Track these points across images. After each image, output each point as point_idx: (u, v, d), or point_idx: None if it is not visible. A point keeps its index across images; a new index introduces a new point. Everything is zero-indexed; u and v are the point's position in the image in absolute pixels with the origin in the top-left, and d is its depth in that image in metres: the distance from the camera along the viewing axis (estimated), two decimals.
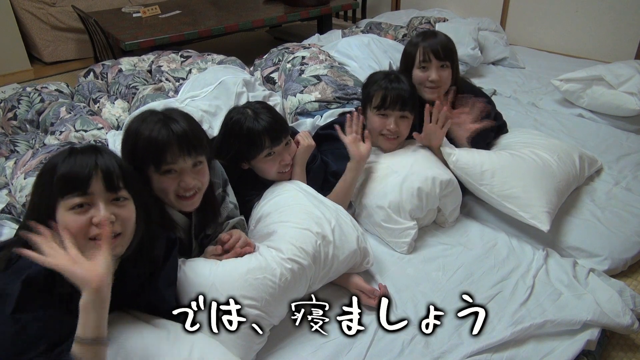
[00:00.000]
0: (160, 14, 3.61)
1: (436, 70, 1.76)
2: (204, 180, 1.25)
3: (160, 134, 1.15)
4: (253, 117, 1.47)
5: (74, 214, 0.92)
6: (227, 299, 1.13)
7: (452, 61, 1.79)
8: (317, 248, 1.27)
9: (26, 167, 1.71)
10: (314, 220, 1.32)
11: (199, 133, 1.24)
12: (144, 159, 1.17)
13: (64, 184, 0.91)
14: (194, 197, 1.23)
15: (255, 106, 1.53)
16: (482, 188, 1.65)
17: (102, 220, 0.92)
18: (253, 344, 1.17)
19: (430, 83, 1.77)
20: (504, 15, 3.75)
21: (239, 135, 1.47)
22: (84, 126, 2.02)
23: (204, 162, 1.25)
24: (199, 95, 2.11)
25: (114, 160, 0.97)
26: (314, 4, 3.84)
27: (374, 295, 1.34)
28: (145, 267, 1.06)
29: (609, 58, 3.12)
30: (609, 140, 2.25)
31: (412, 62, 1.80)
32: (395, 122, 1.66)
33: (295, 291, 1.25)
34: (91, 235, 0.92)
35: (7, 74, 3.86)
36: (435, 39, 1.77)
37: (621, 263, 1.60)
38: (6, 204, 1.63)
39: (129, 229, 0.98)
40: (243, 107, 1.53)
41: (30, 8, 3.89)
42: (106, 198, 0.94)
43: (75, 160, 0.93)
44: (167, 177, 1.19)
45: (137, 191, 1.01)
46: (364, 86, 1.75)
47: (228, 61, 2.67)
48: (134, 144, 1.18)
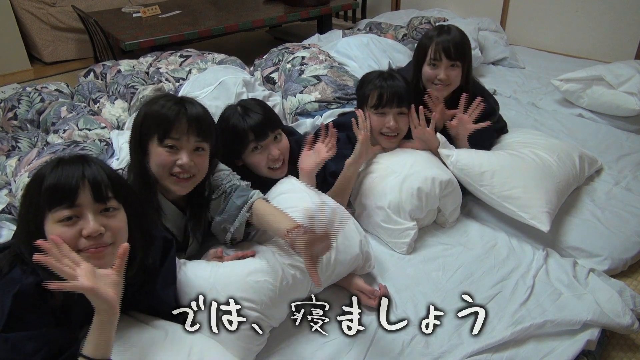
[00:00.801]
0: (160, 14, 3.61)
1: (445, 69, 1.76)
2: (201, 166, 1.26)
3: (172, 110, 1.21)
4: (241, 112, 1.53)
5: (63, 226, 0.90)
6: (227, 299, 1.13)
7: (463, 60, 1.78)
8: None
9: (30, 166, 1.72)
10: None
11: (210, 122, 1.28)
12: (150, 128, 1.21)
13: (51, 196, 0.90)
14: (188, 180, 1.25)
15: (247, 102, 1.59)
16: (482, 189, 1.65)
17: (91, 233, 0.90)
18: (253, 345, 1.17)
19: (439, 81, 1.77)
20: (504, 15, 3.75)
21: (226, 130, 1.52)
22: (87, 125, 2.02)
23: (206, 150, 1.27)
24: (199, 95, 2.10)
25: (101, 170, 0.95)
26: (314, 4, 3.84)
27: (374, 295, 1.34)
28: (139, 276, 1.03)
29: (609, 58, 3.12)
30: (609, 140, 2.25)
31: (424, 57, 1.80)
32: (394, 119, 1.66)
33: (295, 295, 1.24)
34: (80, 247, 0.91)
35: (7, 74, 3.86)
36: (448, 36, 1.76)
37: (621, 263, 1.60)
38: (6, 204, 1.63)
39: (120, 239, 0.96)
40: (236, 104, 1.58)
41: (30, 8, 3.89)
42: (95, 209, 0.92)
43: (62, 172, 0.91)
44: (167, 152, 1.21)
45: (128, 199, 0.99)
46: (358, 87, 1.75)
47: (228, 61, 2.67)
48: (145, 115, 1.23)
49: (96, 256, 0.92)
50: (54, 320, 0.93)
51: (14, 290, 0.88)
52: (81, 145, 1.85)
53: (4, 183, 1.79)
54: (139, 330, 1.05)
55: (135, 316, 1.09)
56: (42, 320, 0.91)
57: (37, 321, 0.91)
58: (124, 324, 1.04)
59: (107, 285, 0.88)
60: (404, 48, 2.92)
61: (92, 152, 1.83)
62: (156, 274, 1.08)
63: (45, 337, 0.91)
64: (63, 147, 1.82)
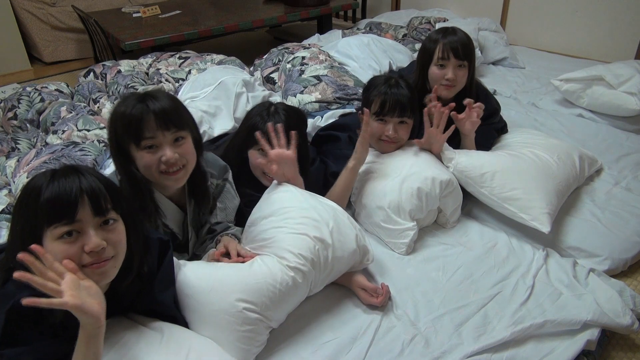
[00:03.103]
0: (160, 14, 3.61)
1: (453, 69, 1.76)
2: (188, 156, 1.23)
3: (135, 109, 1.16)
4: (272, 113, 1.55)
5: (64, 243, 0.87)
6: (227, 301, 1.13)
7: (469, 61, 1.78)
8: (316, 253, 1.25)
9: (30, 166, 1.71)
10: (312, 224, 1.29)
11: (179, 110, 1.23)
12: (124, 137, 1.18)
13: (49, 212, 0.86)
14: (178, 172, 1.23)
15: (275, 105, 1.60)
16: (483, 190, 1.65)
17: (93, 248, 0.88)
18: (252, 347, 1.17)
19: (446, 81, 1.77)
20: (504, 15, 3.75)
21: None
22: (86, 125, 2.02)
23: (186, 138, 1.23)
24: (199, 95, 2.11)
25: (97, 180, 0.92)
26: (314, 4, 3.84)
27: (376, 293, 1.33)
28: (135, 284, 1.02)
29: (609, 58, 3.12)
30: (609, 140, 2.25)
31: (430, 58, 1.80)
32: (394, 128, 1.66)
33: (295, 296, 1.24)
34: (84, 263, 0.89)
35: (7, 74, 3.86)
36: (455, 37, 1.76)
37: (621, 263, 1.60)
38: (6, 204, 1.64)
39: (121, 251, 0.95)
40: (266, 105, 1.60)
41: (30, 8, 3.88)
42: (95, 223, 0.90)
43: (58, 186, 0.87)
44: (148, 153, 1.19)
45: (125, 207, 0.96)
46: (364, 90, 1.75)
47: (228, 61, 2.67)
48: (114, 122, 1.19)
49: (99, 271, 0.91)
50: (51, 332, 0.91)
51: (7, 306, 0.86)
52: (80, 146, 1.85)
53: (3, 184, 1.79)
54: (135, 332, 1.04)
55: (131, 317, 1.09)
56: (38, 334, 0.89)
57: (33, 336, 0.89)
58: (119, 326, 1.04)
59: (92, 297, 0.85)
60: (404, 48, 2.92)
61: (90, 153, 1.82)
62: (153, 278, 1.07)
63: (41, 351, 0.89)
64: (62, 147, 1.82)
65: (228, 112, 2.05)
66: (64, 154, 1.77)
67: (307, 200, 1.37)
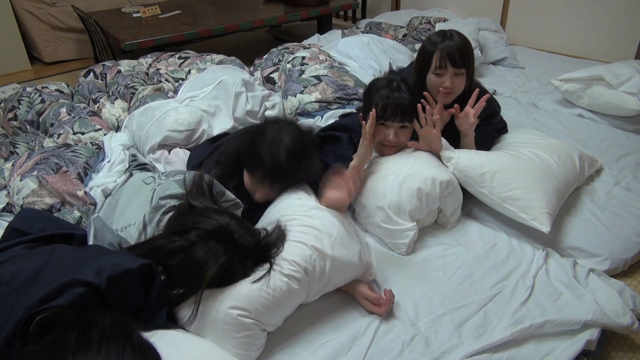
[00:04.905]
0: (160, 14, 3.61)
1: (451, 77, 1.76)
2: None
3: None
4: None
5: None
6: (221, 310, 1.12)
7: (468, 67, 1.78)
8: (312, 262, 1.23)
9: (22, 169, 1.70)
10: (313, 233, 1.28)
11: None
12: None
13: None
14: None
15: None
16: (483, 190, 1.65)
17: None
18: (251, 351, 1.16)
19: (444, 89, 1.78)
20: (504, 15, 3.75)
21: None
22: (82, 128, 2.02)
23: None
24: (198, 95, 2.10)
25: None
26: (314, 4, 3.84)
27: (379, 303, 1.32)
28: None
29: (609, 58, 3.12)
30: (609, 140, 2.25)
31: (428, 64, 1.79)
32: (395, 133, 1.66)
33: (291, 301, 1.23)
34: None
35: (7, 74, 3.86)
36: (453, 43, 1.75)
37: (621, 263, 1.60)
38: (6, 204, 1.64)
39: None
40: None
41: (30, 8, 3.88)
42: None
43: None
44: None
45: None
46: (365, 92, 1.74)
47: (228, 61, 2.67)
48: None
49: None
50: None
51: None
52: (72, 147, 1.85)
53: (3, 185, 1.79)
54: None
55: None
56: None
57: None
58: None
59: None
60: (404, 48, 2.92)
61: (82, 155, 1.81)
62: (140, 310, 1.04)
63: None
64: (53, 149, 1.82)
65: (227, 111, 2.05)
66: (54, 154, 1.77)
67: (316, 210, 1.36)
